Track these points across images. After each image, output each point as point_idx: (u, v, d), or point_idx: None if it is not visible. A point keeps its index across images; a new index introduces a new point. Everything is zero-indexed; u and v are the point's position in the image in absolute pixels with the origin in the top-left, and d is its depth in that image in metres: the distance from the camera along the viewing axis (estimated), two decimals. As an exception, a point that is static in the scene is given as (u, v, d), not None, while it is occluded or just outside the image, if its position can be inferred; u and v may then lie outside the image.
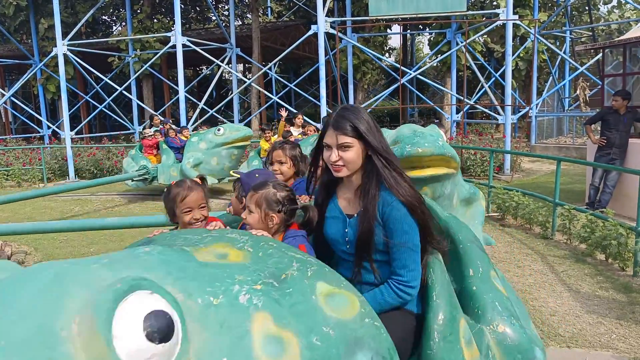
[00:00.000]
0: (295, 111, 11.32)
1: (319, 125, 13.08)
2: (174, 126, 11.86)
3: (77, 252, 6.74)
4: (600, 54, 9.11)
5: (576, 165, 11.67)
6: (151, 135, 10.66)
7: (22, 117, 21.05)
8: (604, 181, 7.81)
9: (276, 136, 9.18)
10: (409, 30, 24.33)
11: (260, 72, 16.15)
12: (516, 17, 13.09)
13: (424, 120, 25.73)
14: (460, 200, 4.32)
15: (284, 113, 9.87)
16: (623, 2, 23.81)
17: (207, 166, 9.95)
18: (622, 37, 8.66)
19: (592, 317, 4.35)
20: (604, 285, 5.05)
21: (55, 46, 14.40)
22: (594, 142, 8.10)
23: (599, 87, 9.99)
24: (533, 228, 7.26)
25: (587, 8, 22.05)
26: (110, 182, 10.06)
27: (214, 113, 16.55)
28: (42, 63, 18.08)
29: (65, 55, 14.45)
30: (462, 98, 15.41)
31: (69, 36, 14.72)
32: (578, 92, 18.31)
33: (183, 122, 13.49)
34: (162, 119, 12.29)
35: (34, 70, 18.48)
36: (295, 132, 9.11)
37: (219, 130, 10.08)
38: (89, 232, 7.73)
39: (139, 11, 21.52)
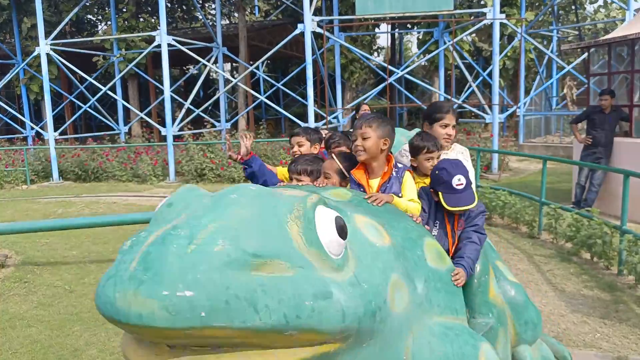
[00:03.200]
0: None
1: (302, 124, 13.00)
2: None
3: (58, 255, 6.61)
4: (586, 53, 9.13)
5: (563, 164, 11.70)
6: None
7: (4, 118, 20.70)
8: (590, 180, 7.83)
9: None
10: (396, 30, 24.34)
11: (247, 72, 16.03)
12: (503, 16, 13.09)
13: (412, 120, 25.78)
14: None
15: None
16: (609, 1, 24.01)
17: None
18: (607, 37, 8.69)
19: (576, 316, 4.33)
20: (589, 284, 5.04)
21: (38, 45, 14.20)
22: (579, 141, 8.12)
23: (586, 86, 10.03)
24: (520, 227, 7.26)
25: (573, 7, 22.21)
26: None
27: (201, 113, 16.41)
28: (25, 63, 17.81)
29: (48, 54, 14.24)
30: (450, 97, 15.41)
31: (52, 35, 14.51)
32: (565, 91, 18.44)
33: (169, 122, 13.36)
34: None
35: (17, 70, 18.20)
36: None
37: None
38: (72, 236, 7.59)
39: (124, 10, 21.30)
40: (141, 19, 21.82)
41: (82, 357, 3.88)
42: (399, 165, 2.53)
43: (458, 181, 2.34)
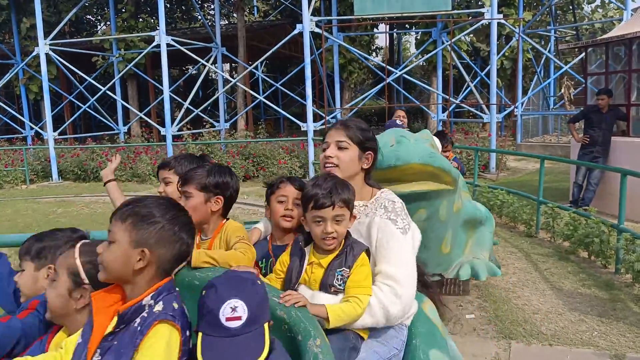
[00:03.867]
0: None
1: (304, 124, 13.05)
2: None
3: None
4: (584, 53, 9.16)
5: (561, 164, 11.74)
6: None
7: (4, 118, 20.71)
8: (587, 179, 7.86)
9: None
10: (395, 30, 24.37)
11: (246, 72, 16.06)
12: (501, 16, 13.14)
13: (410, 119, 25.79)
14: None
15: None
16: (607, 1, 24.06)
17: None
18: (604, 36, 8.72)
19: (574, 315, 4.37)
20: (587, 283, 5.07)
21: (38, 45, 14.21)
22: (577, 140, 8.15)
23: (583, 85, 10.07)
24: (517, 226, 7.29)
25: (571, 7, 22.25)
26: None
27: (200, 113, 16.44)
28: (24, 63, 17.82)
29: (47, 54, 14.26)
30: (448, 97, 15.45)
31: (51, 35, 14.52)
32: (563, 90, 18.47)
33: (168, 122, 13.38)
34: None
35: (16, 70, 18.21)
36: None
37: None
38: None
39: (123, 10, 21.28)
40: (140, 19, 21.81)
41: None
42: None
43: (231, 312, 1.36)
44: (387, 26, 23.31)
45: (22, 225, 8.43)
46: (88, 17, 29.50)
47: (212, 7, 28.99)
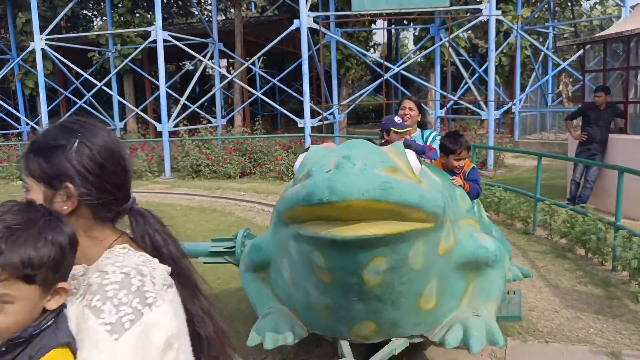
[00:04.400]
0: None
1: (301, 120, 13.00)
2: None
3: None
4: (582, 50, 9.14)
5: (558, 161, 11.72)
6: None
7: None
8: (585, 176, 7.85)
9: None
10: (393, 26, 24.31)
11: (243, 67, 16.00)
12: (499, 12, 13.10)
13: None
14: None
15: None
16: (604, -2, 24.05)
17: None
18: (602, 33, 8.70)
19: (570, 312, 4.35)
20: (583, 280, 5.06)
21: (33, 41, 14.12)
22: (574, 137, 8.14)
23: (581, 82, 10.06)
24: (515, 223, 7.28)
25: (569, 4, 22.23)
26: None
27: (197, 109, 16.38)
28: (20, 58, 17.74)
29: (43, 50, 14.19)
30: (446, 94, 15.42)
31: (47, 30, 14.44)
32: (561, 87, 18.48)
33: (164, 118, 13.32)
34: None
35: (11, 66, 18.13)
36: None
37: None
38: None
39: (119, 5, 21.18)
40: (137, 15, 21.69)
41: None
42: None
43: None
44: (385, 22, 23.28)
45: (17, 221, 8.38)
46: (84, 12, 29.33)
47: (209, 2, 28.85)
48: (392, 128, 3.87)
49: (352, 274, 2.37)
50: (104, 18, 24.26)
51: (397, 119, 3.91)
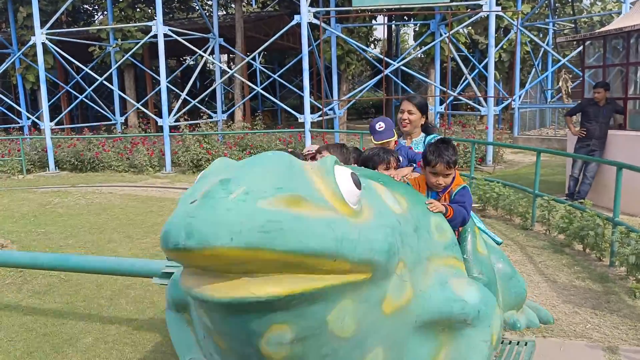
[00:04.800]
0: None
1: (301, 116, 13.01)
2: None
3: (55, 245, 6.64)
4: (582, 46, 9.15)
5: (557, 157, 11.76)
6: None
7: (0, 108, 20.66)
8: (583, 172, 7.89)
9: None
10: (393, 21, 24.29)
11: (243, 63, 16.02)
12: (499, 8, 13.12)
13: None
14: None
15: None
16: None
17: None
18: (602, 29, 8.71)
19: (568, 307, 4.40)
20: (581, 275, 5.10)
21: (34, 35, 14.12)
22: (574, 133, 8.17)
23: (581, 78, 10.07)
24: (513, 219, 7.32)
25: (569, 0, 22.20)
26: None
27: (197, 104, 16.39)
28: (21, 52, 17.74)
29: (44, 44, 14.19)
30: (445, 89, 15.43)
31: (48, 25, 14.43)
32: (560, 83, 18.47)
33: (165, 112, 13.34)
34: None
35: (12, 60, 18.12)
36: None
37: None
38: (68, 225, 7.64)
39: (120, 0, 21.16)
40: (137, 9, 21.65)
41: (77, 346, 3.91)
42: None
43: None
44: (385, 18, 23.26)
45: (19, 215, 8.43)
46: (85, 6, 29.29)
47: (210, -3, 28.82)
48: (371, 136, 3.37)
49: (246, 344, 1.67)
50: (105, 12, 24.23)
51: (379, 125, 3.32)
